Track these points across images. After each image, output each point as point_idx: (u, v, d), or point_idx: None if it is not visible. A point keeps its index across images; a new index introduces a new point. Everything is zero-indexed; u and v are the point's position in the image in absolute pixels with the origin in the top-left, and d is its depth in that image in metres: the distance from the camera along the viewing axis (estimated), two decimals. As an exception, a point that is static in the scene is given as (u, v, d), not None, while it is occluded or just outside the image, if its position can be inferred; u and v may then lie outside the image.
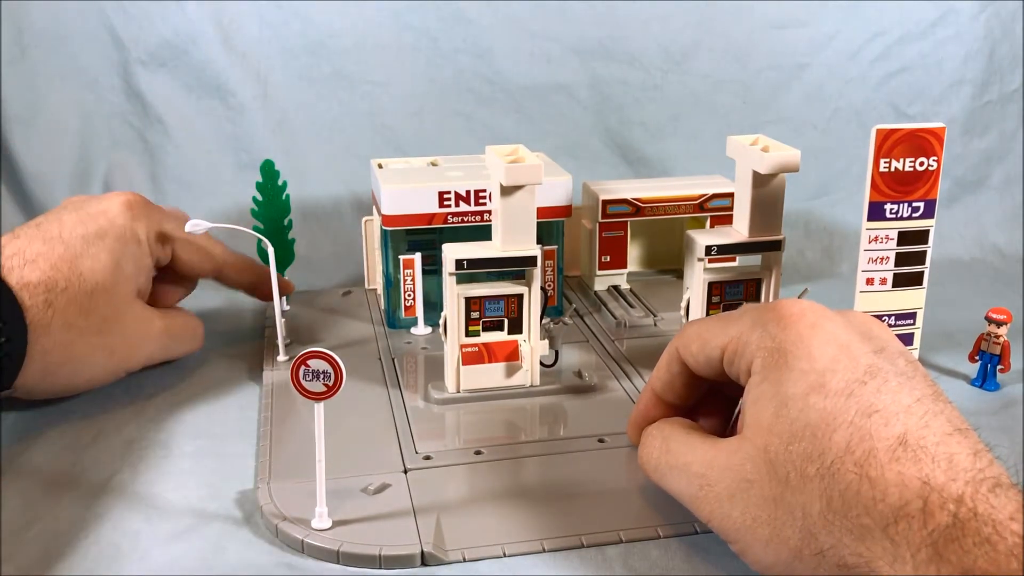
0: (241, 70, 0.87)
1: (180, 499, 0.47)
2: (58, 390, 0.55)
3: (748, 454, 0.37)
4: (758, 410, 0.38)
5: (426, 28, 0.89)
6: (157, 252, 0.58)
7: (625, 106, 0.93)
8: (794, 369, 0.37)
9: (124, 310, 0.54)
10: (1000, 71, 0.93)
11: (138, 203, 0.57)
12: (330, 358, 0.41)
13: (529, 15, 0.90)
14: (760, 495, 0.36)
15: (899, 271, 0.54)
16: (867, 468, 0.33)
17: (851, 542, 0.33)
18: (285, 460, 0.49)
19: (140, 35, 0.85)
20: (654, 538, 0.43)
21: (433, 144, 0.90)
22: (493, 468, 0.49)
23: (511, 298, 0.55)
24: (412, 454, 0.50)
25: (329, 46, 0.88)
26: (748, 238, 0.56)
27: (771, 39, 0.93)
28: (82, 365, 0.53)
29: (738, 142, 0.57)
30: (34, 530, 0.44)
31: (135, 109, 0.86)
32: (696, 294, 0.57)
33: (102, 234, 0.54)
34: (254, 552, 0.42)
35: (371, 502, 0.45)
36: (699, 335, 0.43)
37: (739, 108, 0.93)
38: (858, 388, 0.36)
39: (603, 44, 0.92)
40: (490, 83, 0.90)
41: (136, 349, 0.56)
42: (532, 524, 0.43)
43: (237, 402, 0.57)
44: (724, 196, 0.73)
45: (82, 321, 0.51)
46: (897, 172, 0.51)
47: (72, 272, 0.52)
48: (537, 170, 0.52)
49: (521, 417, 0.55)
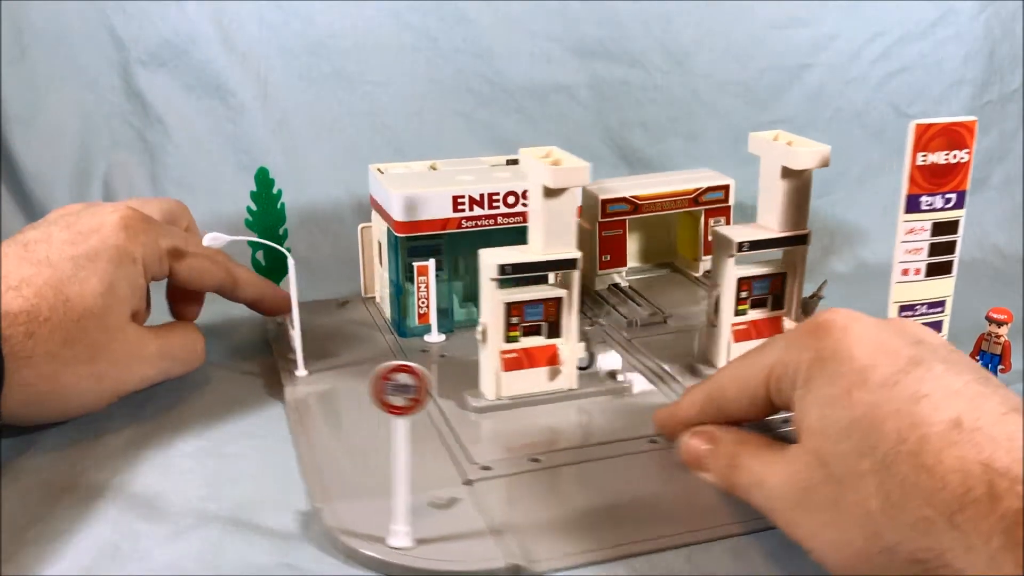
0: (241, 70, 0.87)
1: (180, 499, 0.47)
2: (46, 418, 0.52)
3: (803, 460, 0.37)
4: (805, 417, 0.38)
5: (426, 28, 0.89)
6: (153, 270, 0.55)
7: (625, 107, 0.93)
8: (833, 371, 0.37)
9: (115, 335, 0.51)
10: (1000, 71, 0.93)
11: (134, 220, 0.54)
12: (415, 370, 0.39)
13: (529, 15, 0.90)
14: (820, 500, 0.36)
15: (932, 261, 0.55)
16: (922, 456, 0.32)
17: (916, 536, 0.32)
18: (338, 478, 0.47)
19: (140, 35, 0.85)
20: (738, 534, 0.43)
21: (433, 144, 0.90)
22: (555, 476, 0.48)
23: (550, 302, 0.54)
24: (469, 465, 0.48)
25: (329, 46, 0.88)
26: (779, 233, 0.57)
27: (772, 39, 0.93)
28: (69, 394, 0.51)
29: (761, 138, 0.58)
30: (34, 530, 0.44)
31: (135, 109, 0.86)
32: (728, 289, 0.57)
33: (94, 255, 0.51)
34: (254, 552, 0.42)
35: (443, 517, 0.44)
36: (736, 378, 0.43)
37: (740, 109, 0.93)
38: (902, 378, 0.35)
39: (603, 44, 0.92)
40: (490, 83, 0.90)
41: (128, 374, 0.53)
42: (610, 530, 0.43)
43: (252, 415, 0.56)
44: (718, 189, 0.74)
45: (68, 351, 0.48)
46: (933, 165, 0.52)
47: (58, 298, 0.48)
48: (584, 172, 0.51)
49: (566, 422, 0.54)
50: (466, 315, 0.66)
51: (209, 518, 0.45)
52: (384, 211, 0.64)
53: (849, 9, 0.92)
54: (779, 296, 0.59)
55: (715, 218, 0.75)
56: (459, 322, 0.66)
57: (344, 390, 0.57)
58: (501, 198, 0.63)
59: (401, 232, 0.62)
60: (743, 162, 0.92)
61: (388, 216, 0.63)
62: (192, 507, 0.46)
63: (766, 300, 0.59)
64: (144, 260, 0.53)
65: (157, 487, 0.48)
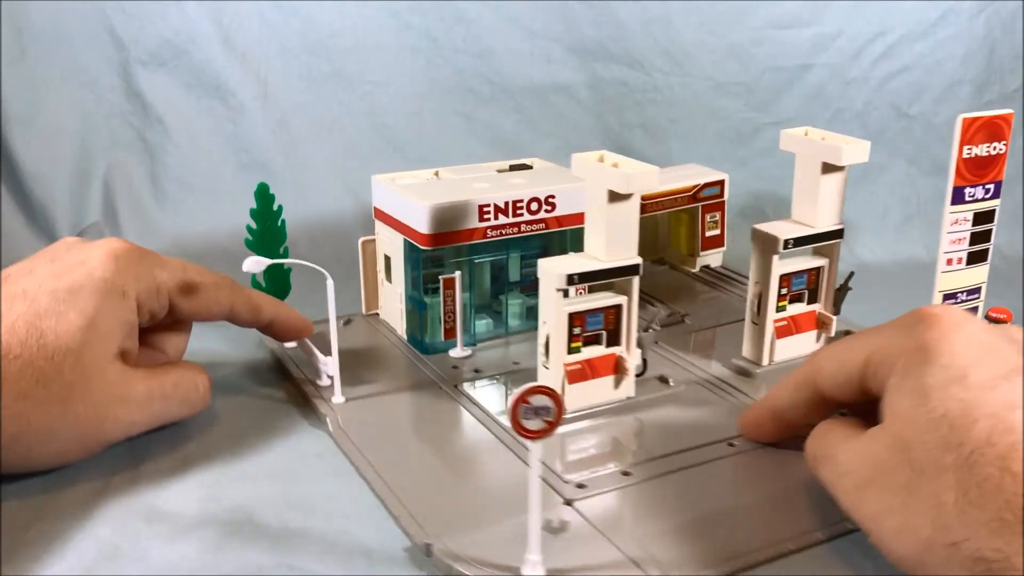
0: (241, 70, 0.87)
1: (180, 499, 0.47)
2: (20, 465, 0.47)
3: (884, 442, 0.37)
4: (896, 400, 0.38)
5: (426, 28, 0.89)
6: (151, 305, 0.50)
7: (625, 107, 0.93)
8: (935, 364, 0.37)
9: (93, 375, 0.46)
10: (1000, 71, 0.93)
11: (125, 252, 0.49)
12: (552, 393, 0.38)
13: (529, 15, 0.90)
14: (894, 483, 0.36)
15: (972, 250, 0.56)
16: (1009, 462, 0.32)
17: (988, 536, 0.32)
18: (431, 510, 0.44)
19: (140, 35, 0.85)
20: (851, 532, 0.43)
21: (433, 144, 0.90)
22: (652, 489, 0.46)
23: (610, 309, 0.53)
24: (562, 484, 0.46)
25: (329, 46, 0.88)
26: (819, 228, 0.57)
27: (772, 39, 0.93)
28: (43, 438, 0.46)
29: (797, 135, 0.58)
30: (34, 530, 0.44)
31: (135, 109, 0.86)
32: (772, 287, 0.57)
33: (75, 289, 0.47)
34: (254, 552, 0.42)
35: (563, 542, 0.42)
36: (835, 356, 0.43)
37: (740, 110, 0.93)
38: (1003, 383, 0.35)
39: (603, 45, 0.92)
40: (490, 83, 0.90)
41: (110, 418, 0.48)
42: (730, 540, 0.42)
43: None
44: (714, 184, 0.74)
45: (40, 391, 0.44)
46: (976, 157, 0.54)
47: (30, 334, 0.45)
48: (654, 175, 0.50)
49: (637, 430, 0.53)
50: (486, 328, 0.64)
51: (209, 518, 0.45)
52: (400, 223, 0.61)
53: (849, 9, 0.92)
54: (814, 290, 0.59)
55: (711, 214, 0.75)
56: (480, 335, 0.64)
57: (394, 415, 0.54)
58: (525, 205, 0.61)
59: (427, 245, 0.59)
60: (742, 162, 0.93)
61: (407, 228, 0.60)
62: (193, 507, 0.46)
63: (803, 295, 0.59)
64: (138, 295, 0.49)
65: (158, 487, 0.48)
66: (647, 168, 0.50)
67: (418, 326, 0.62)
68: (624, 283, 0.53)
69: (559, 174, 0.66)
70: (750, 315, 0.59)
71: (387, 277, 0.65)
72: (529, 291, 0.64)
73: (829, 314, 0.60)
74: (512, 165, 0.68)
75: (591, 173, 0.51)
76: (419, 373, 0.59)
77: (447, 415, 0.54)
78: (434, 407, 0.55)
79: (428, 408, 0.55)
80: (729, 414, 0.53)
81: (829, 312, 0.60)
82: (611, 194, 0.50)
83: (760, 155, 0.93)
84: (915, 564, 0.35)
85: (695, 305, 0.70)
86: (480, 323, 0.64)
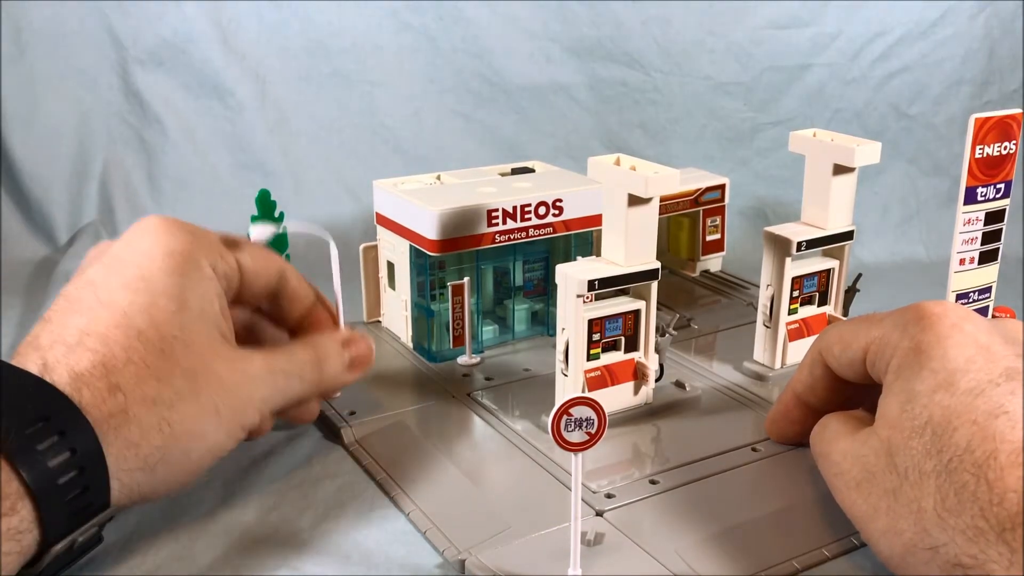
0: (240, 70, 0.86)
1: (181, 499, 0.46)
2: (172, 480, 0.40)
3: (873, 446, 0.38)
4: (886, 404, 0.38)
5: (425, 28, 0.89)
6: (225, 270, 0.44)
7: (625, 107, 0.93)
8: (925, 367, 0.37)
9: (210, 357, 0.41)
10: (1000, 71, 0.93)
11: (168, 220, 0.44)
12: (594, 404, 0.37)
13: (529, 15, 0.90)
14: (881, 486, 0.37)
15: (983, 249, 0.57)
16: (986, 470, 0.33)
17: (964, 543, 0.33)
18: (460, 524, 0.43)
19: (138, 34, 0.85)
20: None
21: (432, 144, 0.90)
22: (682, 497, 0.46)
23: (628, 315, 0.52)
24: (590, 494, 0.46)
25: (328, 46, 0.88)
26: (830, 230, 0.57)
27: (772, 39, 0.93)
28: (190, 441, 0.40)
29: (804, 137, 0.58)
30: (30, 529, 0.44)
31: (133, 108, 0.86)
32: (785, 290, 0.57)
33: (145, 275, 0.41)
34: (255, 552, 0.42)
35: (594, 554, 0.41)
36: (841, 337, 0.44)
37: (740, 110, 0.93)
38: (990, 388, 0.35)
39: (603, 45, 0.92)
40: (489, 83, 0.90)
41: (244, 398, 0.42)
42: (768, 548, 0.42)
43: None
44: (715, 189, 0.73)
45: (167, 390, 0.39)
46: (988, 157, 0.54)
47: (128, 336, 0.39)
48: (675, 179, 0.49)
49: (660, 437, 0.52)
50: (492, 334, 0.63)
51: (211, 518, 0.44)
52: (407, 229, 0.60)
53: (849, 9, 0.92)
54: (824, 293, 0.59)
55: (712, 218, 0.74)
56: (486, 341, 0.62)
57: (412, 428, 0.53)
58: (533, 209, 0.60)
59: (435, 251, 0.57)
60: (741, 162, 0.93)
61: (414, 234, 0.59)
62: (193, 507, 0.45)
63: (813, 297, 0.59)
64: (209, 260, 0.44)
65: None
66: (667, 171, 0.49)
67: (425, 334, 0.61)
68: (642, 288, 0.52)
69: (563, 177, 0.65)
70: (762, 318, 0.59)
71: (390, 284, 0.64)
72: (533, 296, 0.64)
73: (840, 316, 0.59)
74: (514, 168, 0.67)
75: (609, 177, 0.50)
76: (429, 382, 0.58)
77: (463, 424, 0.53)
78: (449, 417, 0.54)
79: (443, 418, 0.54)
80: (749, 418, 0.53)
81: (839, 314, 0.59)
82: (631, 198, 0.49)
83: (760, 155, 0.92)
84: (900, 565, 0.36)
85: (697, 310, 0.70)
86: (486, 329, 0.63)
